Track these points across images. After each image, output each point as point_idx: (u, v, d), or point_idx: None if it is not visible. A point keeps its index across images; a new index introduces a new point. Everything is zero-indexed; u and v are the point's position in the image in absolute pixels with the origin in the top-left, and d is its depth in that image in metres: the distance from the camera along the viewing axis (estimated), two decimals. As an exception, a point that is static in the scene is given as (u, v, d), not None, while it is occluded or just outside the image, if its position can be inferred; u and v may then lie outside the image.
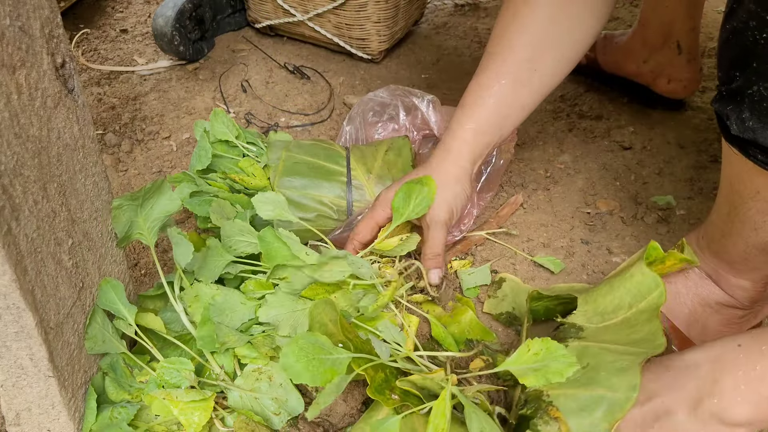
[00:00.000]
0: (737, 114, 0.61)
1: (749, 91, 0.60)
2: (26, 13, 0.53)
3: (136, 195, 0.73)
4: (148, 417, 0.71)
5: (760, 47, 0.58)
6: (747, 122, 0.61)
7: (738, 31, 0.60)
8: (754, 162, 0.62)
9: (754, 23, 0.57)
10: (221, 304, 0.76)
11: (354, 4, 1.28)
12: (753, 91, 0.59)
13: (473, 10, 1.59)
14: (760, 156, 0.61)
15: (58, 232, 0.60)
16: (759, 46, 0.58)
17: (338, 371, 0.64)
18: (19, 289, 0.54)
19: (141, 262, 0.96)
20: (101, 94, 1.28)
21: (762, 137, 0.60)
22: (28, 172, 0.55)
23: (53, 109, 0.58)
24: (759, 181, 0.64)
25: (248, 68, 1.36)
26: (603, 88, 1.30)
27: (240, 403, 0.71)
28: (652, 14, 1.14)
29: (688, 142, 1.18)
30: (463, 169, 0.84)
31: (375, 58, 1.37)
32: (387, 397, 0.65)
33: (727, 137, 0.65)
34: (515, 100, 0.83)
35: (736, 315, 0.78)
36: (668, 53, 1.15)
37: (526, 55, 0.80)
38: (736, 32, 0.60)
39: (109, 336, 0.70)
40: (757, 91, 0.59)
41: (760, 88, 0.58)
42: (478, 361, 0.78)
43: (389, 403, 0.64)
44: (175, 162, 1.14)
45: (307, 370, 0.63)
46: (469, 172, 0.84)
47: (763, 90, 0.58)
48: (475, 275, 0.92)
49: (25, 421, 0.66)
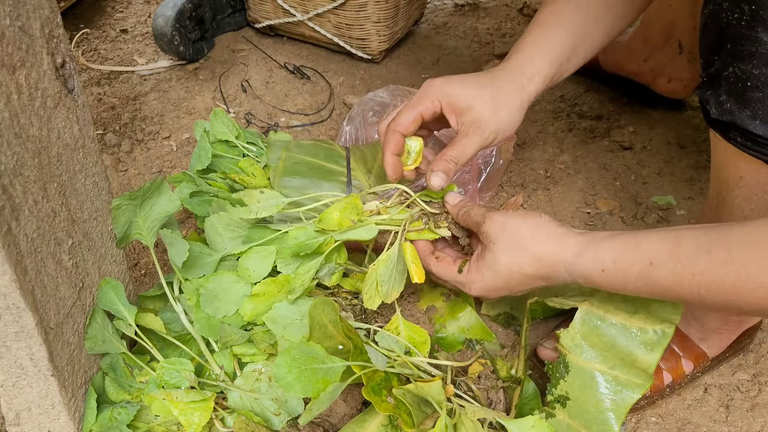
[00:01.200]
0: (716, 97, 0.62)
1: (725, 73, 0.61)
2: (26, 13, 0.53)
3: (135, 194, 0.72)
4: (148, 417, 0.71)
5: (732, 28, 0.58)
6: (725, 104, 0.61)
7: (714, 15, 0.61)
8: (735, 145, 0.63)
9: (727, 4, 0.58)
10: (213, 288, 0.76)
11: (354, 4, 1.28)
12: (729, 72, 0.60)
13: (473, 10, 1.59)
14: (740, 139, 0.62)
15: (58, 232, 0.60)
16: (732, 27, 0.59)
17: (332, 380, 0.64)
18: (19, 289, 0.54)
19: (141, 262, 0.96)
20: (101, 94, 1.28)
21: (739, 119, 0.60)
22: (28, 172, 0.55)
23: (53, 109, 0.58)
24: (741, 165, 0.65)
25: (248, 68, 1.36)
26: (603, 88, 1.30)
27: (240, 403, 0.71)
28: (655, 13, 1.14)
29: (688, 142, 1.18)
30: (521, 97, 0.77)
31: (375, 58, 1.37)
32: (382, 399, 0.64)
33: (708, 121, 0.65)
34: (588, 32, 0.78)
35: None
36: (669, 52, 1.15)
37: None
38: (712, 16, 0.61)
39: (109, 336, 0.70)
40: (732, 72, 0.60)
41: (735, 69, 0.59)
42: (477, 366, 0.78)
43: (383, 407, 0.63)
44: (175, 162, 1.14)
45: (298, 381, 0.63)
46: (525, 102, 0.77)
47: (737, 71, 0.59)
48: (475, 275, 0.92)
49: (25, 421, 0.66)
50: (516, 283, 0.69)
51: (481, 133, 0.74)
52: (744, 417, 0.79)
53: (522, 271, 0.67)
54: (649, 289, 0.60)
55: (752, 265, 0.53)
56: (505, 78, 0.76)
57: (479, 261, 0.70)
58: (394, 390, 0.65)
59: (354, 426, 0.69)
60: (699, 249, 0.56)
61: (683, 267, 0.57)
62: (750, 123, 0.59)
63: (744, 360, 0.84)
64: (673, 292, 0.59)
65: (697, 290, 0.56)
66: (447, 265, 0.74)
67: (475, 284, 0.71)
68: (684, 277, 0.57)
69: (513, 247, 0.67)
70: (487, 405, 0.75)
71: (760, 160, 0.61)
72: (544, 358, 0.79)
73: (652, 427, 0.78)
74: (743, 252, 0.54)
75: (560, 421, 0.69)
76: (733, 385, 0.82)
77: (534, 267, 0.66)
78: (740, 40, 0.58)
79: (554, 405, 0.71)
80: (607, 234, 0.64)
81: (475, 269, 0.71)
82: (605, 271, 0.62)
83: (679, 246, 0.58)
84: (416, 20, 1.47)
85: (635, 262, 0.60)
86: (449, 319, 0.85)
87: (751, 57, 0.57)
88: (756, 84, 0.58)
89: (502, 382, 0.77)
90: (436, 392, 0.68)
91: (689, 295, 0.57)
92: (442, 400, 0.67)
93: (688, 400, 0.81)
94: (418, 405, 0.66)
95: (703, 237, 0.57)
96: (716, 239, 0.56)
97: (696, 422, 0.78)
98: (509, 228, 0.68)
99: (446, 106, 0.76)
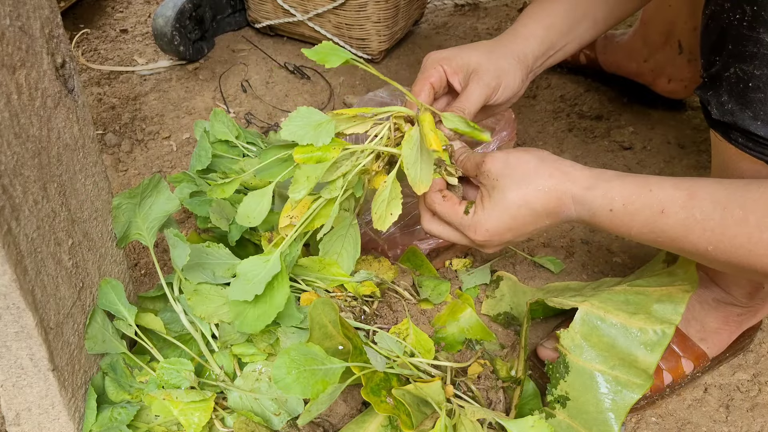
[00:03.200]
0: (717, 98, 0.62)
1: (726, 74, 0.60)
2: (26, 13, 0.53)
3: (134, 192, 0.72)
4: (148, 417, 0.71)
5: (733, 28, 0.58)
6: (726, 105, 0.61)
7: (715, 15, 0.61)
8: (736, 146, 0.63)
9: (728, 5, 0.58)
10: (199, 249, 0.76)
11: (354, 4, 1.28)
12: (730, 73, 0.60)
13: (473, 10, 1.59)
14: (741, 139, 0.62)
15: (58, 232, 0.60)
16: (733, 27, 0.58)
17: (331, 381, 0.64)
18: (19, 289, 0.54)
19: (141, 262, 0.96)
20: (101, 94, 1.28)
21: (740, 119, 0.60)
22: (28, 172, 0.55)
23: (53, 109, 0.58)
24: (743, 166, 0.64)
25: (248, 68, 1.36)
26: (603, 88, 1.30)
27: (240, 403, 0.71)
28: (655, 13, 1.14)
29: (688, 142, 1.18)
30: (523, 54, 0.78)
31: (375, 58, 1.37)
32: (382, 399, 0.64)
33: (709, 122, 0.65)
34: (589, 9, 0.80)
35: (733, 312, 0.78)
36: (669, 52, 1.15)
37: None
38: (713, 16, 0.61)
39: (109, 336, 0.70)
40: (733, 72, 0.60)
41: (736, 70, 0.59)
42: (477, 366, 0.78)
43: (381, 408, 0.63)
44: (175, 162, 1.14)
45: (297, 382, 0.63)
46: (527, 62, 0.78)
47: (738, 71, 0.59)
48: (475, 275, 0.92)
49: (25, 421, 0.66)
50: (522, 222, 0.66)
51: (480, 79, 0.74)
52: (744, 417, 0.79)
53: (529, 206, 0.64)
54: (654, 237, 0.60)
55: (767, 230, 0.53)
56: (500, 40, 0.79)
57: (484, 201, 0.67)
58: (393, 391, 0.65)
59: (354, 426, 0.70)
60: (715, 204, 0.55)
61: (695, 220, 0.56)
62: (751, 124, 0.59)
63: (744, 360, 0.84)
64: (678, 244, 0.58)
65: (705, 246, 0.56)
66: (453, 206, 0.70)
67: (481, 226, 0.67)
68: (694, 230, 0.56)
69: (518, 180, 0.65)
70: (487, 405, 0.75)
71: (762, 161, 0.61)
72: (544, 358, 0.79)
73: (652, 427, 0.78)
74: (759, 215, 0.53)
75: (560, 422, 0.69)
76: (733, 385, 0.82)
77: (542, 200, 0.64)
78: (741, 40, 0.58)
79: (554, 405, 0.71)
80: (616, 173, 0.62)
81: (480, 210, 0.67)
82: (613, 211, 0.61)
83: (693, 197, 0.57)
84: (416, 20, 1.47)
85: (645, 207, 0.59)
86: (449, 320, 0.85)
87: (752, 58, 0.57)
88: (757, 84, 0.58)
89: (502, 382, 0.77)
90: (435, 393, 0.68)
91: (695, 250, 0.57)
92: (442, 401, 0.67)
93: (688, 400, 0.81)
94: (418, 405, 0.66)
95: (720, 191, 0.56)
96: (733, 196, 0.55)
97: (696, 422, 0.78)
98: (512, 162, 0.66)
99: (448, 69, 0.76)
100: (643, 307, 0.70)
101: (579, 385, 0.69)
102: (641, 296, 0.71)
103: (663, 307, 0.69)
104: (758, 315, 0.80)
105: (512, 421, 0.66)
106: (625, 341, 0.68)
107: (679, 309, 0.68)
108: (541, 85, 1.32)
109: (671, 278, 0.73)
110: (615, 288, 0.74)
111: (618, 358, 0.68)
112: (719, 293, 0.77)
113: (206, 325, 0.74)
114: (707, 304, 0.78)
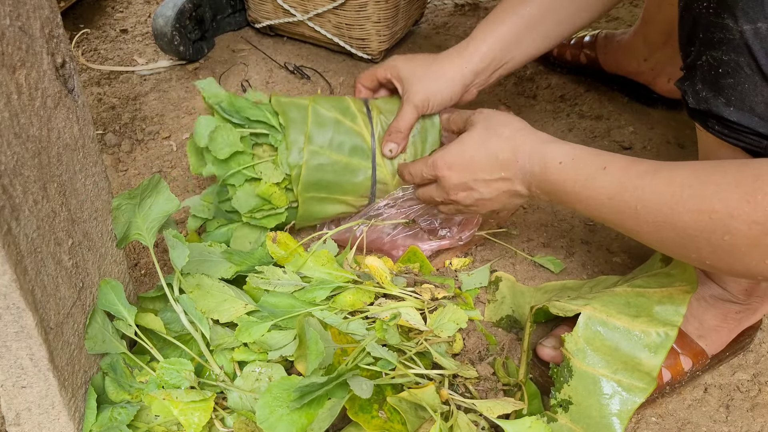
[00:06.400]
0: (692, 87, 0.64)
1: (699, 62, 0.62)
2: (26, 13, 0.53)
3: (133, 192, 0.72)
4: (148, 417, 0.71)
5: (703, 17, 0.59)
6: (701, 93, 0.62)
7: (687, 6, 0.62)
8: (713, 134, 0.63)
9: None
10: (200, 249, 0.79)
11: (354, 4, 1.28)
12: (702, 61, 0.61)
13: (473, 10, 1.59)
14: (718, 127, 0.62)
15: (58, 232, 0.60)
16: (702, 16, 0.60)
17: (320, 405, 0.63)
18: (19, 289, 0.54)
19: (141, 263, 0.96)
20: (101, 94, 1.28)
21: (715, 106, 0.61)
22: (28, 172, 0.55)
23: (53, 109, 0.58)
24: (722, 154, 0.65)
25: (248, 68, 1.36)
26: (603, 88, 1.30)
27: (240, 403, 0.71)
28: (657, 11, 1.14)
29: (688, 142, 1.18)
30: (460, 73, 0.88)
31: (375, 58, 1.37)
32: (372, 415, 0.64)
33: (688, 112, 0.66)
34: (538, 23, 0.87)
35: (732, 310, 0.78)
36: (669, 52, 1.15)
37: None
38: (686, 7, 0.63)
39: (109, 336, 0.70)
40: (705, 60, 0.61)
41: (708, 57, 0.60)
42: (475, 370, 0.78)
43: (372, 425, 0.63)
44: (175, 162, 1.14)
45: (281, 421, 0.61)
46: (465, 78, 0.88)
47: (710, 58, 0.60)
48: (475, 276, 0.92)
49: (25, 421, 0.66)
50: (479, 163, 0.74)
51: (409, 101, 0.88)
52: (744, 417, 0.79)
53: (487, 148, 0.73)
54: (590, 194, 0.64)
55: (688, 188, 0.56)
56: (446, 55, 0.89)
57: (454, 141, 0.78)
58: (389, 399, 0.65)
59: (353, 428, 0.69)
60: (649, 168, 0.61)
61: (628, 179, 0.61)
62: (725, 110, 0.60)
63: (744, 360, 0.84)
64: (612, 203, 0.62)
65: (635, 204, 0.60)
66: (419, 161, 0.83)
67: (442, 158, 0.78)
68: (626, 188, 0.61)
69: (487, 126, 0.75)
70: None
71: (738, 147, 0.61)
72: (543, 357, 0.79)
73: (652, 427, 0.78)
74: (684, 175, 0.57)
75: (562, 426, 0.69)
76: (733, 385, 0.82)
77: (499, 144, 0.72)
78: (710, 27, 0.59)
79: (556, 409, 0.71)
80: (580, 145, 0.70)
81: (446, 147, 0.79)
82: (562, 164, 0.67)
83: (633, 163, 0.62)
84: (416, 20, 1.47)
85: (590, 163, 0.65)
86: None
87: (720, 44, 0.58)
88: (726, 70, 0.58)
89: (503, 385, 0.77)
90: (430, 397, 0.67)
91: (626, 209, 0.61)
92: (437, 405, 0.67)
93: (688, 400, 0.81)
94: (415, 410, 0.66)
95: (660, 163, 0.61)
96: (669, 165, 0.60)
97: (696, 422, 0.78)
98: (490, 114, 0.78)
99: (394, 76, 0.91)
100: (645, 309, 0.70)
101: (582, 389, 0.69)
102: (642, 298, 0.71)
103: (664, 309, 0.69)
104: (758, 313, 0.80)
105: (509, 422, 0.66)
106: (628, 345, 0.68)
107: (680, 310, 0.68)
108: (541, 85, 1.32)
109: (670, 278, 0.72)
110: (615, 290, 0.74)
111: (621, 361, 0.68)
112: (716, 290, 0.77)
113: (206, 326, 0.74)
114: (705, 301, 0.78)
